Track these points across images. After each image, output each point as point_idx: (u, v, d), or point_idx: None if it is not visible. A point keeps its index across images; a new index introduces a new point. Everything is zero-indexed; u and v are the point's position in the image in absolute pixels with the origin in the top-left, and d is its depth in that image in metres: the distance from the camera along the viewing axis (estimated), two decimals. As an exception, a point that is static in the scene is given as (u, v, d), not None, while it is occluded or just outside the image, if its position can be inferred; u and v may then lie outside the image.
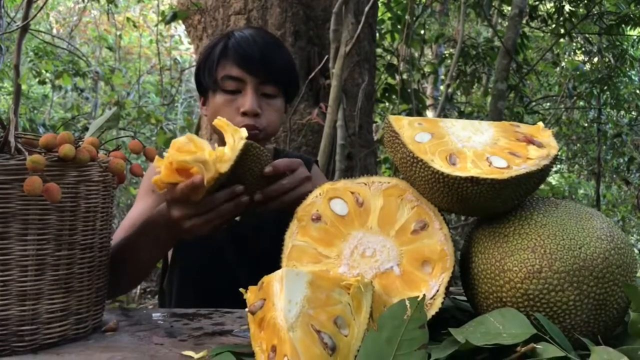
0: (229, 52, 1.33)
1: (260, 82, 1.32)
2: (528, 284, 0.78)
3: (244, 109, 1.30)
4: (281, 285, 0.76)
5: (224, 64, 1.33)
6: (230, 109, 1.32)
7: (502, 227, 0.83)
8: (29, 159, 0.78)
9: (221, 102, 1.32)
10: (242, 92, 1.32)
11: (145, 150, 1.08)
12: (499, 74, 3.97)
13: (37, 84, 7.47)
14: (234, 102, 1.32)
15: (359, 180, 0.93)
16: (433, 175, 0.80)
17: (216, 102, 1.33)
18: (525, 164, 0.82)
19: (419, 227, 0.87)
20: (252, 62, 1.31)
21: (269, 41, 1.37)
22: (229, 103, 1.32)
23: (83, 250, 0.92)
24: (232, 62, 1.32)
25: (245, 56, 1.31)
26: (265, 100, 1.34)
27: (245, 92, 1.31)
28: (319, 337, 0.73)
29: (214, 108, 1.34)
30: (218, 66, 1.33)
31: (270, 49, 1.34)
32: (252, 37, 1.35)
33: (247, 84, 1.31)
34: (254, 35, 1.36)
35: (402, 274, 0.85)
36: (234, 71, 1.31)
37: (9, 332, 0.85)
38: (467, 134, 0.88)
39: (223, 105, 1.32)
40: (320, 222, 0.91)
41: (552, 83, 7.70)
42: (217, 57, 1.34)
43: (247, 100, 1.30)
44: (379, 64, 4.48)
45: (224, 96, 1.33)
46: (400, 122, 0.88)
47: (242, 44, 1.33)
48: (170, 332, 0.99)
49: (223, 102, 1.32)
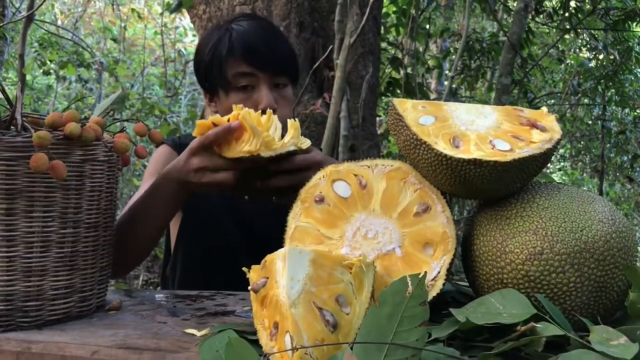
0: (235, 49, 1.32)
1: (271, 75, 1.32)
2: (529, 265, 0.78)
3: (262, 105, 1.30)
4: (284, 263, 0.77)
5: (233, 62, 1.32)
6: (247, 107, 1.31)
7: (504, 210, 0.84)
8: (35, 134, 0.79)
9: (237, 101, 1.31)
10: (255, 87, 1.32)
11: (150, 133, 1.09)
12: (503, 69, 3.96)
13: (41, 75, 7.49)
14: (249, 98, 1.32)
15: (363, 162, 0.93)
16: (436, 157, 0.81)
17: (231, 100, 1.33)
18: (529, 147, 0.82)
19: (422, 210, 0.87)
20: (261, 57, 1.31)
21: (271, 31, 1.37)
22: (244, 101, 1.31)
23: (88, 229, 0.93)
24: (240, 59, 1.31)
25: (252, 51, 1.31)
26: (278, 92, 1.34)
27: (259, 87, 1.32)
28: (320, 314, 0.74)
29: (230, 106, 1.32)
30: (227, 64, 1.33)
31: (274, 39, 1.35)
32: (254, 30, 1.34)
33: (259, 79, 1.32)
34: (254, 27, 1.35)
35: (404, 255, 0.86)
36: (244, 68, 1.31)
37: (14, 308, 0.86)
38: (471, 117, 0.88)
39: (239, 103, 1.32)
40: (324, 203, 0.92)
41: (557, 80, 7.68)
42: (224, 55, 1.33)
43: (264, 96, 1.30)
44: (383, 58, 4.47)
45: (238, 94, 1.33)
46: (404, 105, 0.88)
47: (247, 39, 1.32)
48: (173, 311, 1.00)
49: (239, 100, 1.32)
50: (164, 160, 1.41)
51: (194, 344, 0.80)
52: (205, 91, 1.43)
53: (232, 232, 1.40)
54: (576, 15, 4.75)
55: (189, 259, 1.43)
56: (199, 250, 1.41)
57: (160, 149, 1.43)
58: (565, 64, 7.23)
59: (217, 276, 1.32)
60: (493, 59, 5.33)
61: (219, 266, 1.38)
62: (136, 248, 1.19)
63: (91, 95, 7.55)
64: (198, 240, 1.41)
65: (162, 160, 1.42)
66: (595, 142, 7.99)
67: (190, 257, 1.43)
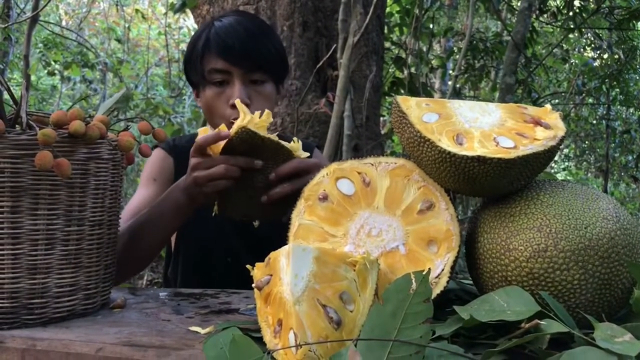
0: (211, 45, 1.32)
1: (245, 71, 1.31)
2: (533, 262, 0.78)
3: (232, 100, 1.29)
4: (288, 260, 0.77)
5: (208, 57, 1.32)
6: (220, 101, 1.32)
7: (508, 207, 0.84)
8: (40, 132, 0.79)
9: (211, 96, 1.33)
10: (229, 83, 1.32)
11: (154, 131, 1.09)
12: (507, 68, 3.95)
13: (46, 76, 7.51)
14: (223, 94, 1.32)
15: (366, 160, 0.93)
16: (440, 154, 0.81)
17: (207, 96, 1.34)
18: (532, 144, 0.82)
19: (425, 207, 0.87)
20: (234, 53, 1.30)
21: (250, 27, 1.34)
22: (218, 96, 1.32)
23: (92, 227, 0.93)
24: (215, 55, 1.31)
25: (226, 47, 1.30)
26: (254, 88, 1.33)
27: (232, 83, 1.31)
28: (324, 312, 0.74)
29: (206, 102, 1.34)
30: (203, 60, 1.33)
31: (251, 35, 1.32)
32: (231, 26, 1.33)
33: (233, 75, 1.31)
34: (233, 23, 1.34)
35: (408, 253, 0.86)
36: (219, 63, 1.31)
37: (19, 305, 0.86)
38: (475, 114, 0.88)
39: (213, 99, 1.32)
40: (327, 201, 0.92)
41: (561, 79, 7.66)
42: (200, 51, 1.33)
43: (235, 92, 1.30)
44: (387, 57, 4.47)
45: (212, 89, 1.33)
46: (408, 103, 0.88)
47: (222, 35, 1.31)
48: (177, 309, 1.00)
49: (213, 95, 1.32)
50: (159, 163, 1.41)
51: (198, 341, 0.80)
52: (192, 87, 1.43)
53: (232, 236, 1.40)
54: (580, 15, 4.74)
55: (190, 263, 1.43)
56: (199, 254, 1.41)
57: (154, 152, 1.43)
58: (570, 63, 7.20)
59: (219, 279, 1.32)
60: (497, 59, 5.31)
61: (220, 269, 1.38)
62: (140, 257, 1.20)
63: (95, 96, 7.58)
64: (198, 244, 1.41)
65: (156, 164, 1.42)
66: (599, 142, 7.96)
67: (191, 261, 1.43)
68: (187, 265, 1.43)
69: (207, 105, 1.34)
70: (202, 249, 1.41)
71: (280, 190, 1.06)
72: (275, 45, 1.38)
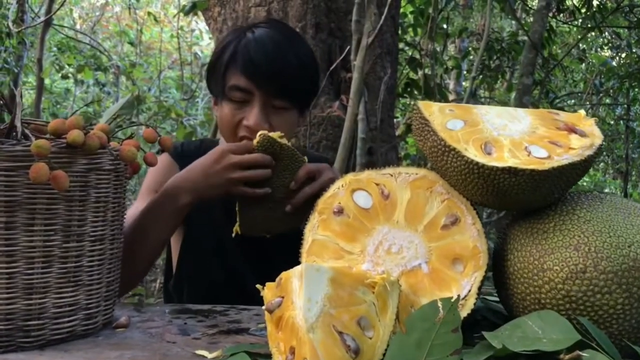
0: (237, 59, 1.22)
1: (268, 95, 1.21)
2: (570, 284, 0.71)
3: (247, 123, 1.20)
4: (300, 281, 0.71)
5: (232, 72, 1.22)
6: (235, 120, 1.22)
7: (541, 223, 0.77)
8: (33, 143, 0.74)
9: (227, 113, 1.23)
10: (249, 103, 1.22)
11: (160, 139, 1.04)
12: (524, 69, 3.86)
13: (60, 79, 7.54)
14: (239, 113, 1.22)
15: (385, 171, 0.87)
16: (467, 165, 0.74)
17: (223, 111, 1.24)
18: (568, 154, 0.75)
19: (450, 222, 0.80)
20: (260, 73, 1.19)
21: (281, 44, 1.23)
22: (234, 113, 1.22)
23: (93, 242, 0.87)
24: (240, 72, 1.21)
25: (252, 66, 1.19)
26: (275, 112, 1.22)
27: (252, 105, 1.21)
28: (341, 339, 0.67)
29: (221, 116, 1.26)
30: (227, 73, 1.23)
31: (281, 54, 1.21)
32: (262, 43, 1.22)
33: (255, 97, 1.21)
34: (265, 39, 1.22)
35: (431, 272, 0.79)
36: (242, 81, 1.20)
37: (14, 327, 0.81)
38: (503, 121, 0.81)
39: (228, 116, 1.23)
40: (343, 215, 0.85)
41: (578, 79, 7.52)
42: (225, 63, 1.23)
43: (252, 115, 1.20)
44: (401, 58, 4.39)
45: (230, 106, 1.23)
46: (430, 109, 0.81)
47: (251, 51, 1.21)
48: (184, 329, 0.94)
49: (229, 112, 1.23)
50: (163, 172, 1.32)
51: (204, 368, 0.74)
52: (212, 94, 1.35)
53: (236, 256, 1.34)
54: (600, 13, 4.63)
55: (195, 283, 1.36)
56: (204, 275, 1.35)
57: (160, 158, 1.33)
58: (587, 62, 7.07)
59: (222, 296, 1.25)
60: (513, 59, 5.21)
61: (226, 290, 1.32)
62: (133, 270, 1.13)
63: (109, 99, 7.59)
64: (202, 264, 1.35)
65: (160, 173, 1.33)
66: (618, 143, 7.80)
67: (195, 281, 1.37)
68: (192, 289, 1.37)
69: (222, 120, 1.26)
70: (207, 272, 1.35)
71: (301, 196, 1.08)
72: (306, 65, 1.25)
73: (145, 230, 1.13)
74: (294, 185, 1.08)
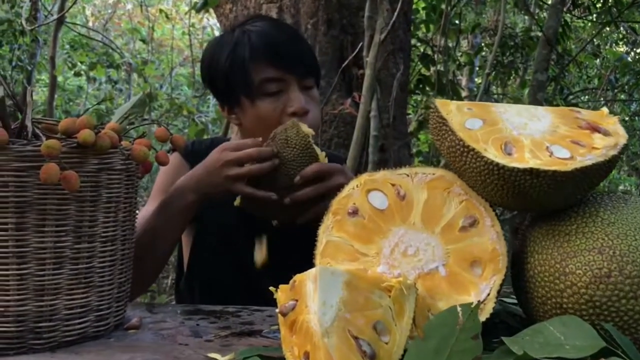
0: (259, 53, 1.22)
1: (300, 77, 1.24)
2: (594, 289, 0.69)
3: (293, 109, 1.21)
4: (315, 285, 0.69)
5: (257, 67, 1.22)
6: (276, 112, 1.22)
7: (562, 225, 0.74)
8: (44, 143, 0.73)
9: (267, 108, 1.23)
10: (284, 91, 1.23)
11: (172, 138, 1.03)
12: (538, 65, 3.81)
13: (72, 76, 7.58)
14: (278, 103, 1.23)
15: (401, 171, 0.85)
16: (486, 166, 0.72)
17: (261, 109, 1.23)
18: (591, 154, 0.72)
19: (468, 224, 0.78)
20: (290, 60, 1.23)
21: (290, 32, 1.31)
22: (274, 106, 1.22)
23: (104, 243, 0.86)
24: (266, 63, 1.22)
25: (280, 54, 1.22)
26: (307, 94, 1.26)
27: (289, 90, 1.22)
28: (356, 344, 0.66)
29: (259, 115, 1.24)
30: (251, 69, 1.22)
31: (295, 40, 1.29)
32: (275, 31, 1.26)
33: (289, 83, 1.23)
34: (273, 27, 1.27)
35: (449, 275, 0.77)
36: (272, 72, 1.22)
37: (25, 329, 0.80)
38: (523, 120, 0.79)
39: (269, 110, 1.23)
40: (358, 216, 0.83)
41: (592, 75, 7.42)
42: (247, 60, 1.22)
43: (295, 99, 1.22)
44: (412, 55, 4.35)
45: (267, 100, 1.23)
46: (448, 107, 0.79)
47: (270, 41, 1.23)
48: (196, 331, 0.93)
49: (269, 107, 1.23)
50: (173, 172, 1.31)
51: (216, 372, 0.73)
52: (222, 103, 1.32)
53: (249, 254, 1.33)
54: (616, 7, 4.56)
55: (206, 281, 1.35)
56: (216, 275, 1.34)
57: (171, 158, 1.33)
58: (601, 58, 6.97)
59: (233, 296, 1.24)
60: (527, 55, 5.15)
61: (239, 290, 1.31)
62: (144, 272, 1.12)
63: (121, 96, 7.62)
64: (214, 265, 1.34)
65: (170, 174, 1.32)
66: (632, 139, 7.70)
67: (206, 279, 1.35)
68: (205, 289, 1.35)
69: (262, 118, 1.24)
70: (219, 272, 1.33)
71: (303, 193, 1.07)
72: (311, 47, 1.38)
73: (155, 230, 1.13)
74: (299, 180, 1.06)
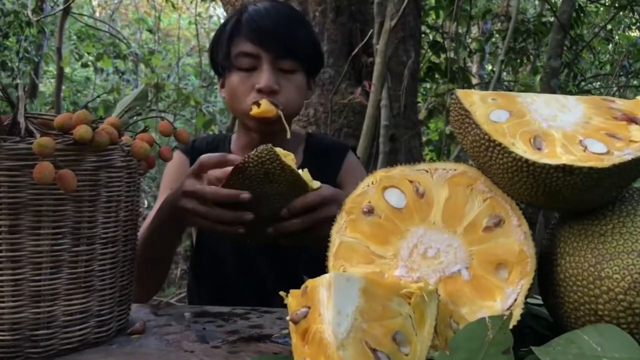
0: (241, 28, 1.23)
1: (276, 57, 1.21)
2: (634, 295, 0.63)
3: (259, 85, 1.19)
4: (329, 292, 0.64)
5: (237, 41, 1.23)
6: (246, 87, 1.21)
7: (596, 225, 0.68)
8: (35, 141, 0.68)
9: (236, 81, 1.22)
10: (257, 69, 1.22)
11: (175, 132, 0.97)
12: (552, 51, 3.72)
13: (80, 67, 7.56)
14: (249, 79, 1.21)
15: (419, 166, 0.79)
16: (514, 162, 0.66)
17: (232, 82, 1.23)
18: (629, 148, 0.66)
19: (493, 224, 0.73)
20: (266, 36, 1.21)
21: (285, 13, 1.27)
22: (244, 81, 1.21)
23: (104, 245, 0.82)
24: (245, 38, 1.22)
25: (258, 30, 1.21)
26: (284, 76, 1.22)
27: (261, 68, 1.21)
28: (374, 357, 0.61)
29: (230, 88, 1.24)
30: (231, 43, 1.23)
31: (286, 21, 1.24)
32: (266, 11, 1.24)
33: (262, 60, 1.21)
34: (268, 8, 1.25)
35: (472, 278, 0.72)
36: (248, 47, 1.21)
37: (22, 337, 0.75)
38: (552, 111, 0.72)
39: (239, 84, 1.22)
40: (373, 215, 0.78)
41: (604, 61, 7.28)
42: (229, 34, 1.24)
43: (263, 76, 1.19)
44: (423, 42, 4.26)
45: (238, 74, 1.22)
46: (471, 98, 0.73)
47: (255, 18, 1.23)
48: (202, 335, 0.88)
49: (238, 80, 1.22)
50: (176, 170, 1.33)
51: (224, 384, 0.68)
52: (218, 75, 1.33)
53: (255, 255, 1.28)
54: (632, -9, 4.44)
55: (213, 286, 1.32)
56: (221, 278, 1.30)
57: (174, 155, 1.32)
58: (614, 44, 6.84)
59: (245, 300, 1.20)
60: (539, 41, 5.04)
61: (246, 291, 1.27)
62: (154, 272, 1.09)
63: (128, 87, 7.58)
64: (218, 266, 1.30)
65: (174, 171, 1.34)
66: (647, 126, 7.55)
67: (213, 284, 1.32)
68: (211, 291, 1.32)
69: (231, 91, 1.24)
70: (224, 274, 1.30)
71: (289, 225, 0.96)
72: (310, 34, 1.28)
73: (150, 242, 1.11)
74: (285, 214, 0.95)
